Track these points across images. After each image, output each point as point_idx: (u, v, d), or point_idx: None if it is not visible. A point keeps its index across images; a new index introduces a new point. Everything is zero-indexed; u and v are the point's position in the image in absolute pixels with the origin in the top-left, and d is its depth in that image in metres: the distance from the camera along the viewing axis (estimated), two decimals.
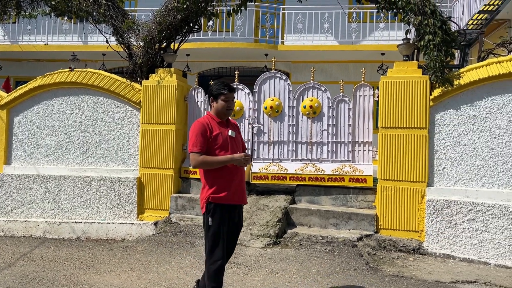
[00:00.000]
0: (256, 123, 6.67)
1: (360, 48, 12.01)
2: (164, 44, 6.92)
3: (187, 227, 5.96)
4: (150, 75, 6.81)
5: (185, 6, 6.36)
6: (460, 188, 5.39)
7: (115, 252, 5.31)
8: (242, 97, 6.78)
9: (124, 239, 6.25)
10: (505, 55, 5.62)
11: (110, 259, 5.02)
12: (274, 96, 6.64)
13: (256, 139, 6.67)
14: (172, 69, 6.77)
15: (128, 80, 6.82)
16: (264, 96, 6.69)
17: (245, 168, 3.43)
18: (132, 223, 6.53)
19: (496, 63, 5.34)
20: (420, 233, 5.48)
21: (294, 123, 6.54)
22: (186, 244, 5.48)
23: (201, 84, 7.54)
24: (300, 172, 6.31)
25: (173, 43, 7.03)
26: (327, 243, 5.37)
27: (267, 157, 6.61)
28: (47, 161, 6.94)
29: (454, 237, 5.30)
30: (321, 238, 5.47)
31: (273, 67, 6.82)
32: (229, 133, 3.35)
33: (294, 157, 6.51)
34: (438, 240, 5.36)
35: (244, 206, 6.11)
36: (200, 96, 6.94)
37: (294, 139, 6.53)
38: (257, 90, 6.70)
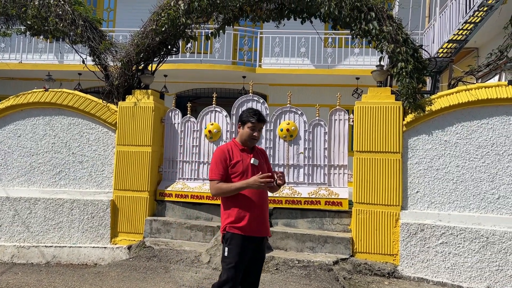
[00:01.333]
0: None
1: (336, 72, 12.27)
2: (142, 65, 6.91)
3: (162, 251, 5.85)
4: (126, 96, 6.76)
5: (163, 29, 6.39)
6: (433, 212, 5.49)
7: (87, 278, 5.14)
8: (220, 120, 6.80)
9: (96, 264, 6.08)
10: (474, 83, 5.84)
11: (81, 286, 4.86)
12: None
13: None
14: (149, 91, 6.75)
15: (104, 101, 6.75)
16: None
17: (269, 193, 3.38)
18: (105, 247, 6.36)
19: (465, 90, 5.55)
20: (395, 257, 5.53)
21: (271, 145, 6.58)
22: (161, 269, 5.37)
23: (179, 105, 7.55)
24: (277, 195, 6.32)
25: (150, 64, 7.03)
26: (304, 267, 5.35)
27: None
28: (18, 182, 6.74)
29: (427, 260, 5.37)
30: (297, 262, 5.45)
31: (250, 91, 6.89)
32: (252, 161, 3.24)
33: None
34: (413, 264, 5.42)
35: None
36: (177, 118, 6.92)
37: (271, 162, 6.55)
38: (234, 113, 6.74)
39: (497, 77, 7.22)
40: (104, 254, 6.28)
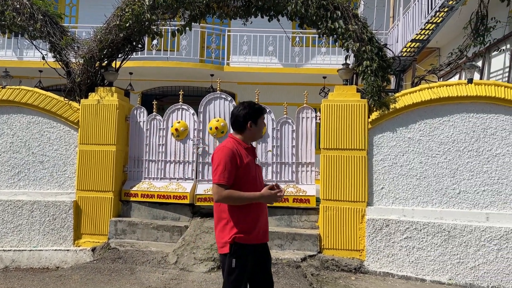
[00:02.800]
0: (201, 144, 6.59)
1: (303, 71, 12.36)
2: (105, 62, 6.72)
3: (127, 252, 5.71)
4: (89, 94, 6.56)
5: (127, 25, 6.23)
6: (398, 208, 5.61)
7: (47, 282, 4.95)
8: (187, 118, 6.70)
9: (58, 267, 5.86)
10: (436, 82, 6.01)
11: None
12: (220, 117, 6.62)
13: (201, 160, 6.58)
14: (113, 88, 6.57)
15: (66, 99, 6.52)
16: (209, 117, 6.66)
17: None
18: (68, 250, 6.15)
19: (428, 88, 5.70)
20: (361, 252, 5.62)
21: None
22: (126, 271, 5.23)
23: (145, 103, 7.39)
24: None
25: (115, 61, 6.84)
26: (272, 265, 5.33)
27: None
28: None
29: (392, 255, 5.48)
30: None
31: (218, 88, 6.83)
32: (256, 162, 3.01)
33: None
34: (378, 259, 5.52)
35: (188, 229, 6.02)
36: (142, 116, 6.77)
37: None
38: (202, 110, 6.66)
39: (457, 76, 7.47)
40: (67, 257, 6.07)
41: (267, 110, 3.15)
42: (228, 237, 2.82)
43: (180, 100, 6.78)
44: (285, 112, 6.57)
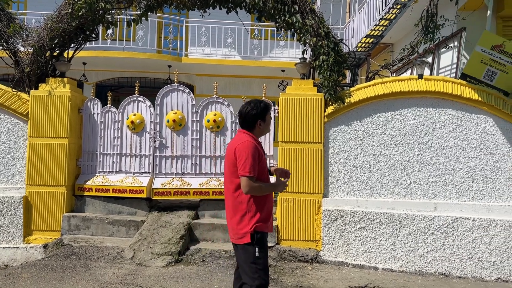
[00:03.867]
0: (158, 137, 6.49)
1: (262, 64, 12.40)
2: (57, 52, 6.45)
3: (81, 248, 5.55)
4: (40, 84, 6.28)
5: (80, 13, 6.00)
6: (352, 199, 5.78)
7: None
8: (143, 110, 6.57)
9: (7, 266, 5.61)
10: (389, 76, 6.21)
11: None
12: (177, 110, 6.54)
13: (158, 154, 6.48)
14: (65, 79, 6.32)
15: (14, 90, 6.21)
16: (166, 109, 6.55)
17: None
18: (17, 247, 5.90)
19: (381, 83, 5.88)
20: (318, 243, 5.76)
21: (198, 137, 6.50)
22: (80, 267, 5.09)
23: (99, 94, 7.17)
24: (204, 187, 6.27)
25: (67, 51, 6.58)
26: (230, 258, 5.38)
27: (170, 172, 6.46)
28: None
29: (347, 244, 5.66)
30: (224, 252, 5.46)
31: (176, 80, 6.73)
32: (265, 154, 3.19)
33: (198, 172, 6.45)
34: (334, 249, 5.68)
35: (145, 223, 5.94)
36: (96, 108, 6.57)
37: (198, 153, 6.48)
38: (159, 103, 6.55)
39: (409, 71, 7.74)
40: (17, 254, 5.82)
41: (271, 105, 3.30)
42: (249, 227, 2.97)
43: (136, 91, 6.63)
44: None
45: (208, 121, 6.42)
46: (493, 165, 5.62)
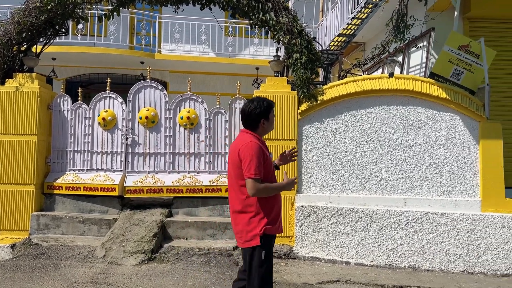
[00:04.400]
0: (130, 134, 6.40)
1: (236, 62, 12.38)
2: (25, 46, 6.26)
3: (51, 248, 5.43)
4: (6, 80, 6.09)
5: (49, 7, 5.84)
6: (325, 195, 5.87)
7: None
8: (115, 107, 6.47)
9: None
10: (360, 75, 6.33)
11: None
12: (150, 106, 6.46)
13: (130, 151, 6.40)
14: (33, 74, 6.15)
15: None
16: (139, 106, 6.47)
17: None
18: None
19: (353, 81, 5.98)
20: (291, 238, 5.82)
21: (171, 134, 6.45)
22: (50, 267, 4.98)
23: (69, 91, 7.02)
24: (178, 184, 6.23)
25: (35, 46, 6.40)
26: (204, 255, 5.38)
27: (143, 169, 6.39)
28: None
29: (320, 240, 5.74)
30: (198, 250, 5.45)
31: (148, 76, 6.65)
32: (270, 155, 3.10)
33: (171, 169, 6.40)
34: (307, 244, 5.75)
35: (117, 222, 5.85)
36: (66, 104, 6.42)
37: (171, 151, 6.43)
38: (131, 99, 6.46)
39: (381, 70, 7.90)
40: None
41: (273, 103, 3.21)
42: (258, 230, 2.89)
43: (108, 88, 6.52)
44: (218, 102, 6.57)
45: (182, 118, 6.38)
46: (459, 162, 5.81)
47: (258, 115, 3.02)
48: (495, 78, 6.87)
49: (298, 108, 5.98)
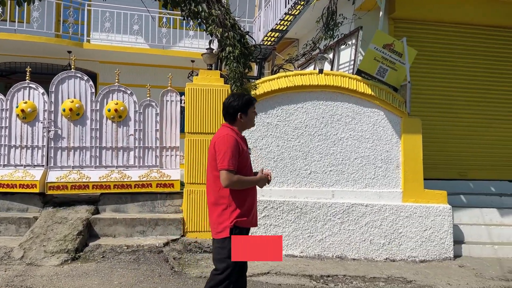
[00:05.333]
0: (53, 127, 6.02)
1: (171, 54, 12.08)
2: None
3: None
4: None
5: None
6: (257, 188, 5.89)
7: None
8: (36, 98, 6.05)
9: None
10: (293, 70, 6.43)
11: None
12: (75, 98, 6.12)
13: (53, 145, 6.02)
14: None
15: None
16: (62, 97, 6.11)
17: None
18: None
19: (285, 77, 6.07)
20: None
21: (98, 127, 6.16)
22: None
23: None
24: (105, 180, 5.97)
25: None
26: (133, 252, 5.21)
27: (67, 164, 6.05)
28: None
29: (252, 233, 5.76)
30: (126, 247, 5.27)
31: (73, 66, 6.29)
32: (249, 150, 3.15)
33: (98, 164, 6.12)
34: None
35: (38, 220, 5.50)
36: None
37: (98, 145, 6.15)
38: (54, 90, 6.07)
39: (312, 66, 8.09)
40: None
41: (255, 100, 3.24)
42: (229, 222, 2.93)
43: (27, 77, 6.08)
44: (148, 94, 6.37)
45: (109, 110, 6.11)
46: (383, 155, 6.11)
47: (235, 108, 3.07)
48: (416, 76, 7.31)
49: None
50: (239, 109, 3.09)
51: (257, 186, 3.11)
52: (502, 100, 7.99)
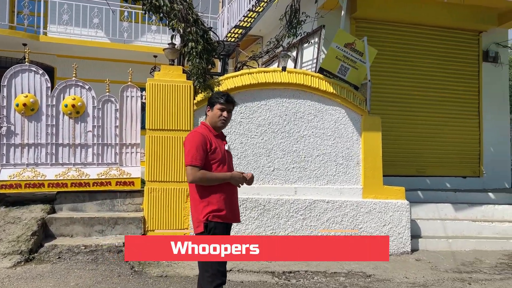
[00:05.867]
0: (5, 123, 5.75)
1: (133, 48, 11.78)
2: None
3: None
4: None
5: None
6: None
7: None
8: None
9: None
10: (256, 68, 6.43)
11: None
12: (29, 92, 5.86)
13: (5, 141, 5.75)
14: None
15: None
16: (15, 92, 5.83)
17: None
18: None
19: (248, 74, 6.05)
20: (186, 231, 5.73)
21: (54, 123, 5.93)
22: None
23: None
24: (61, 178, 5.76)
25: None
26: (91, 252, 5.05)
27: (20, 161, 5.79)
28: None
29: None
30: (84, 247, 5.10)
31: (27, 59, 6.01)
32: (226, 148, 3.13)
33: (54, 161, 5.89)
34: None
35: None
36: None
37: (54, 141, 5.92)
38: (6, 84, 5.79)
39: (276, 63, 8.12)
40: None
41: (235, 102, 3.22)
42: (202, 216, 2.94)
43: None
44: (107, 90, 6.19)
45: (66, 106, 5.89)
46: (344, 152, 6.22)
47: (207, 103, 3.16)
48: (376, 75, 7.48)
49: (194, 98, 5.88)
50: (208, 103, 3.17)
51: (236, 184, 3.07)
52: (456, 100, 8.33)
